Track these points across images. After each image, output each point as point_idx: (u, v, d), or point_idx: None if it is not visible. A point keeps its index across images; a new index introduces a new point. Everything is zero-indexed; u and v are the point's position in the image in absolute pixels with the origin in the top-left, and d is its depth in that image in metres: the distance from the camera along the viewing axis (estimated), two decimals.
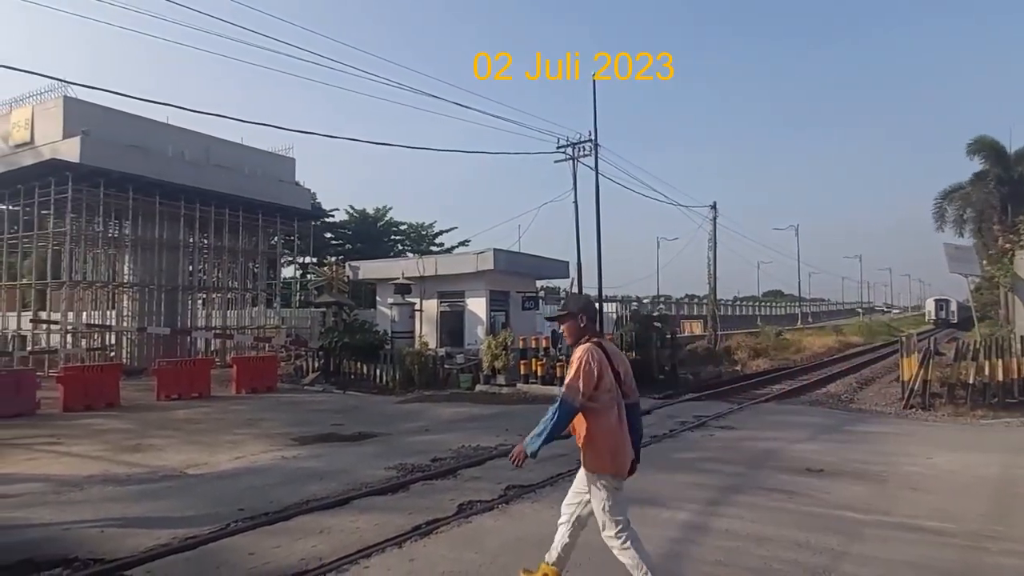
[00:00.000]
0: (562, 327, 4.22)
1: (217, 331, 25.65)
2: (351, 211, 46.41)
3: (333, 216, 43.79)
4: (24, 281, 24.37)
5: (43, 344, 22.23)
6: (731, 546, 5.09)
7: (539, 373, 17.68)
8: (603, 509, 3.92)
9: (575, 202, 24.09)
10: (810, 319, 73.52)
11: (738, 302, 79.41)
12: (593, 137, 23.85)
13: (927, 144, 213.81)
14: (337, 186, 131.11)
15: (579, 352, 3.99)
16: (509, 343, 18.45)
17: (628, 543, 3.85)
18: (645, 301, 56.32)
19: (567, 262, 27.60)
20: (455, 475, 7.76)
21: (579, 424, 4.02)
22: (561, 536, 4.22)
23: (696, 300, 69.10)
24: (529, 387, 17.58)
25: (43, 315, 23.90)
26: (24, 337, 23.03)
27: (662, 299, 64.15)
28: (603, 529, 3.91)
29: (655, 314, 28.61)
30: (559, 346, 21.70)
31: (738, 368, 27.05)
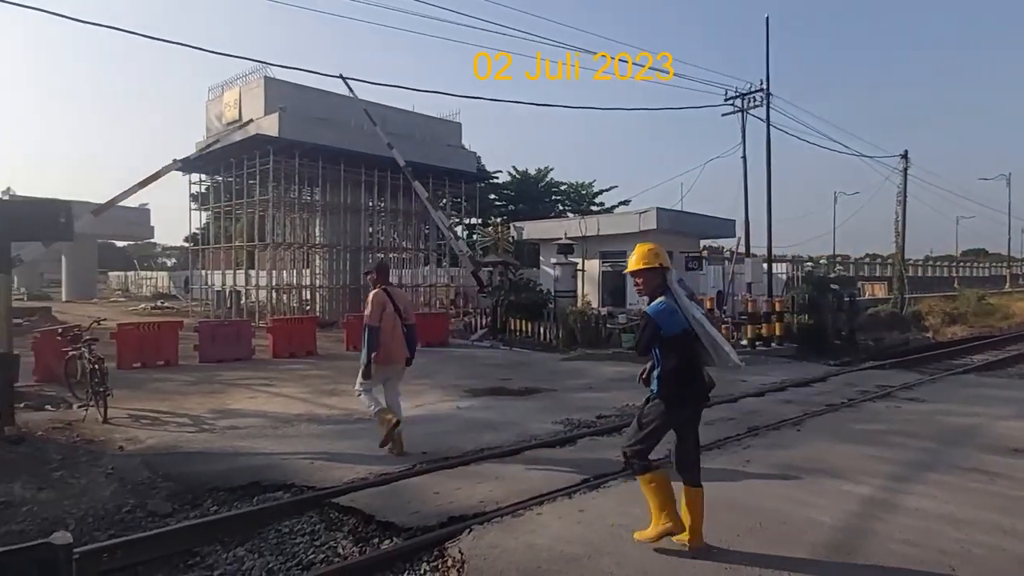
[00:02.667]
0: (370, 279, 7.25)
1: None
2: (513, 172, 47.45)
3: (497, 178, 45.10)
4: (236, 243, 27.84)
5: (253, 299, 25.41)
6: (921, 526, 4.78)
7: None
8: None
9: (743, 157, 22.88)
10: (1021, 281, 64.08)
11: (930, 262, 71.13)
12: (764, 86, 22.32)
13: None
14: (500, 148, 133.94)
15: (370, 295, 6.97)
16: None
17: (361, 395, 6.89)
18: (821, 261, 52.35)
19: (733, 221, 26.38)
20: (620, 432, 7.91)
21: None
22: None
23: (879, 260, 62.97)
24: None
25: (251, 273, 27.23)
26: (239, 292, 26.46)
27: (839, 259, 59.23)
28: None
29: (831, 275, 26.54)
30: (723, 307, 20.98)
31: (929, 335, 24.53)
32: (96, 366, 8.56)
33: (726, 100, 23.21)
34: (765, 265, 22.69)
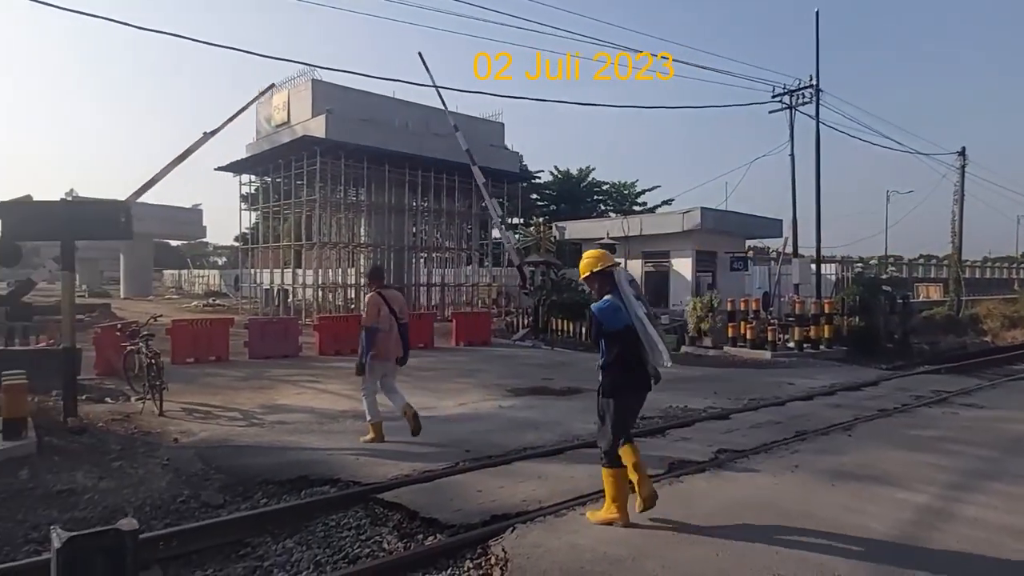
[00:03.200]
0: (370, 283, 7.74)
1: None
2: (555, 172, 47.37)
3: (539, 178, 45.05)
4: (284, 243, 28.49)
5: (299, 297, 25.96)
6: (979, 536, 4.60)
7: (748, 336, 16.97)
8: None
9: (791, 155, 22.40)
10: None
11: (989, 263, 68.18)
12: (814, 82, 21.79)
13: None
14: (543, 148, 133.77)
15: (366, 298, 7.52)
16: (716, 305, 17.88)
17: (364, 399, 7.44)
18: (872, 262, 50.85)
19: (780, 220, 25.85)
20: (664, 434, 7.85)
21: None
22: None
23: (935, 261, 60.72)
24: (737, 350, 16.96)
25: (298, 272, 27.82)
26: (286, 290, 27.07)
27: (891, 259, 57.34)
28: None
29: (883, 276, 25.75)
30: (769, 308, 20.55)
31: (987, 339, 23.57)
32: (153, 361, 8.87)
33: (773, 97, 22.78)
34: (813, 266, 22.15)
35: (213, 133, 19.04)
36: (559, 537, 4.50)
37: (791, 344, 17.30)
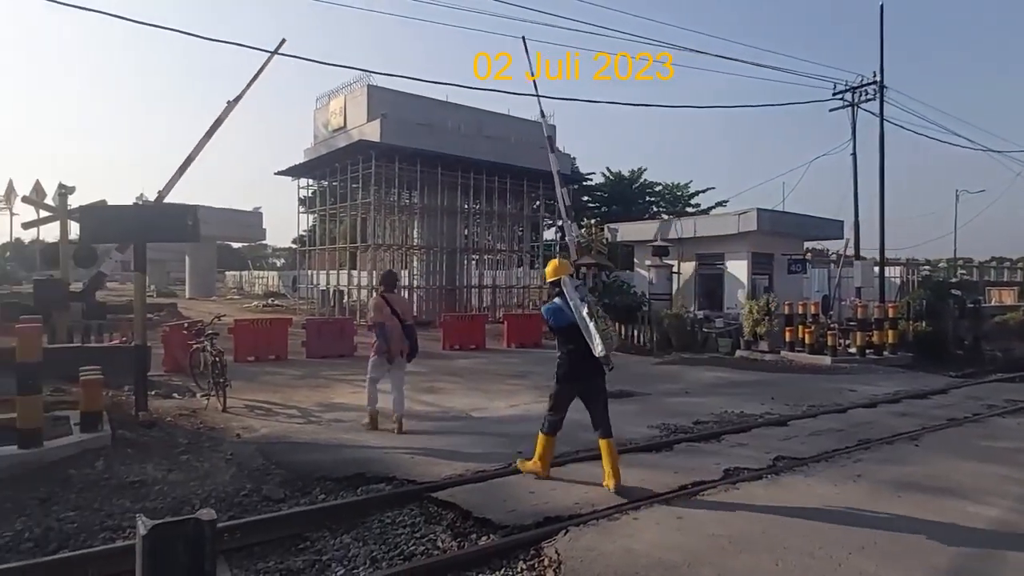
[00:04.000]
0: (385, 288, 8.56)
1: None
2: (607, 174, 46.97)
3: (590, 179, 44.77)
4: (340, 245, 29.14)
5: (354, 298, 26.52)
6: None
7: (807, 341, 16.50)
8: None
9: (853, 154, 21.69)
10: None
11: None
12: (878, 78, 21.05)
13: None
14: (595, 150, 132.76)
15: (372, 301, 8.58)
16: (772, 308, 17.44)
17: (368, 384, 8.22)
18: (940, 264, 48.71)
19: (841, 221, 24.97)
20: (719, 439, 7.71)
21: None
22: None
23: (1008, 264, 57.79)
24: (795, 355, 16.51)
25: (353, 273, 28.41)
26: (342, 291, 27.70)
27: (960, 262, 54.77)
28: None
29: (952, 279, 24.64)
30: (829, 312, 19.91)
31: None
32: (217, 359, 9.21)
33: (835, 94, 22.11)
34: (876, 268, 21.37)
35: (236, 100, 19.35)
36: (613, 541, 4.48)
37: (852, 349, 16.73)
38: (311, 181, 30.33)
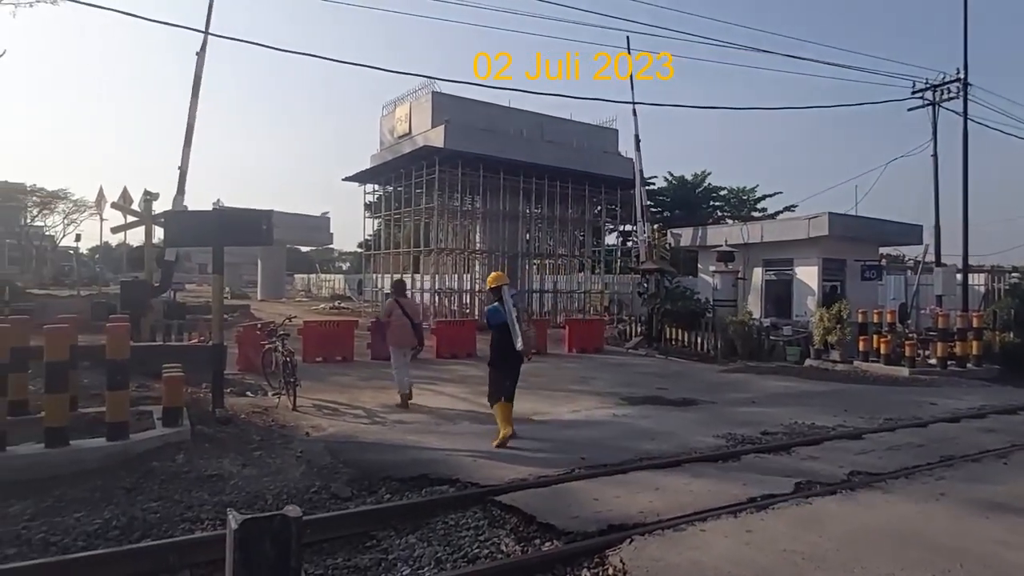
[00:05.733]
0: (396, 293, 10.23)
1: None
2: (669, 177, 46.23)
3: (652, 183, 44.15)
4: (403, 249, 29.68)
5: (417, 301, 26.94)
6: None
7: (882, 350, 15.78)
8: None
9: (934, 155, 20.62)
10: None
11: None
12: (962, 75, 19.98)
13: None
14: (658, 153, 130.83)
15: (387, 303, 10.64)
16: (845, 316, 16.77)
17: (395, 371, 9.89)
18: None
19: (920, 226, 23.74)
20: (789, 452, 7.46)
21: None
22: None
23: None
24: (869, 365, 15.83)
25: (416, 277, 28.87)
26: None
27: None
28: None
29: None
30: (906, 321, 18.97)
31: None
32: (288, 359, 9.53)
33: (914, 93, 21.09)
34: (959, 275, 20.24)
35: (203, 50, 19.01)
36: (680, 552, 4.39)
37: (932, 360, 15.90)
38: (377, 187, 31.02)
